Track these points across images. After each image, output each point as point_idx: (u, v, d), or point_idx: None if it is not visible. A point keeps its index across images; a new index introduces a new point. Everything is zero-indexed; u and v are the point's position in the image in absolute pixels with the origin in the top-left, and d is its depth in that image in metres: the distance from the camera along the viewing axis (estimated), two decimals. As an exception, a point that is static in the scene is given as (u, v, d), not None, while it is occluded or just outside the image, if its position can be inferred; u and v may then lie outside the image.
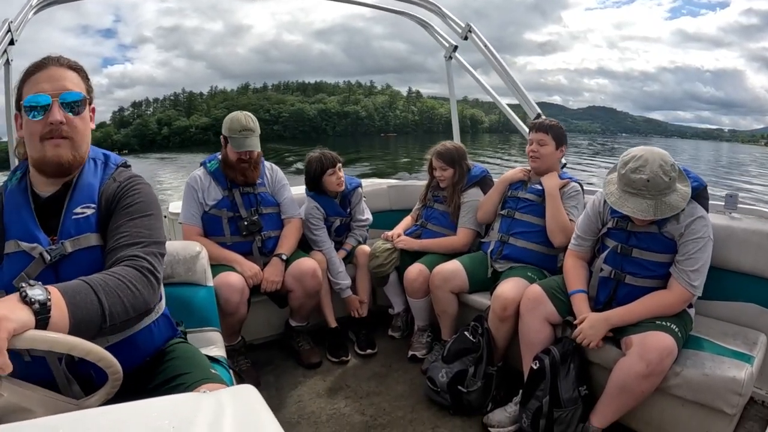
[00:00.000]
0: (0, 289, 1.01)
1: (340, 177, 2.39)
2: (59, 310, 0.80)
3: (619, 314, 1.57)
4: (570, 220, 1.98)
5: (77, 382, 0.99)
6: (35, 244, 1.02)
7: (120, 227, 1.05)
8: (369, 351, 2.36)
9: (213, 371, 1.15)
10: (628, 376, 1.46)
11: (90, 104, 1.10)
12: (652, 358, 1.42)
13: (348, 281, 2.44)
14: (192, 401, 0.66)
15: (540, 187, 2.08)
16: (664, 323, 1.50)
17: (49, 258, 1.01)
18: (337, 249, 2.47)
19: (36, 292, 0.78)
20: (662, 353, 1.42)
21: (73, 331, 0.81)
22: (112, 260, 1.00)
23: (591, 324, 1.58)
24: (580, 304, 1.67)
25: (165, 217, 2.99)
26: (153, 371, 1.14)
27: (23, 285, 0.79)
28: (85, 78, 1.11)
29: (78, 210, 1.07)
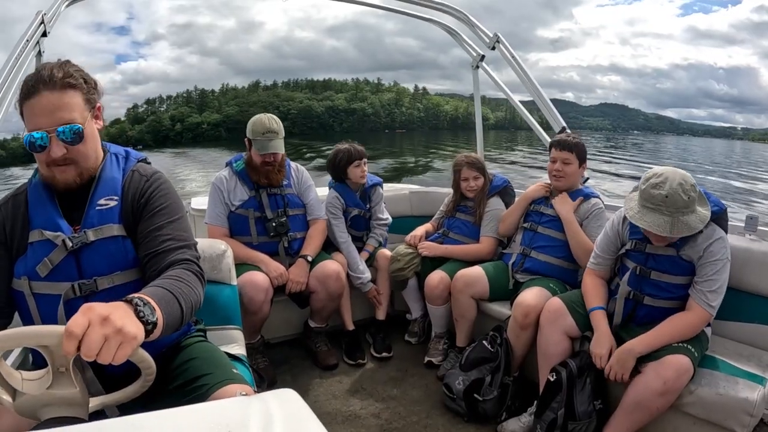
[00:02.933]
0: (23, 275, 1.07)
1: (364, 170, 2.47)
2: (159, 328, 0.85)
3: (643, 343, 1.56)
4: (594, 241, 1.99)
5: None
6: (58, 233, 1.07)
7: (162, 228, 1.11)
8: (385, 354, 2.40)
9: (235, 371, 1.17)
10: (644, 392, 1.49)
11: (94, 107, 1.10)
12: (668, 376, 1.45)
13: (368, 275, 2.48)
14: (241, 405, 0.69)
15: None
16: (681, 345, 1.52)
17: (71, 245, 1.07)
18: (358, 248, 2.52)
19: (147, 312, 0.82)
20: (679, 371, 1.45)
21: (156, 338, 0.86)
22: (167, 262, 1.07)
23: (618, 359, 1.57)
24: (599, 321, 1.68)
25: (187, 212, 3.06)
26: (173, 371, 1.16)
27: (137, 300, 0.82)
28: (82, 89, 1.06)
29: (101, 202, 1.12)
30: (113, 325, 0.73)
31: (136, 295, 0.85)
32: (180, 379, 1.13)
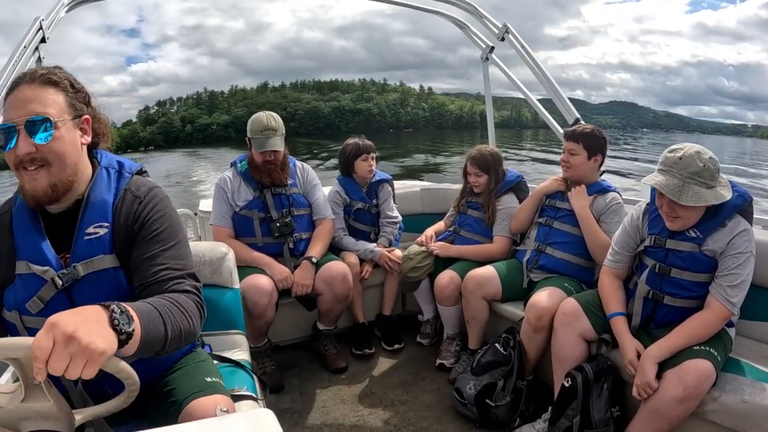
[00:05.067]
0: (13, 308, 1.01)
1: (371, 165, 2.45)
2: (135, 340, 0.79)
3: (660, 346, 1.47)
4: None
5: (93, 400, 0.98)
6: (47, 268, 0.99)
7: (156, 257, 1.01)
8: (396, 346, 2.38)
9: (209, 379, 1.10)
10: (663, 399, 1.40)
11: (80, 116, 1.00)
12: (689, 382, 1.36)
13: (374, 244, 2.46)
14: (207, 429, 0.65)
15: None
16: (702, 348, 1.42)
17: (61, 283, 0.98)
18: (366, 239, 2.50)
19: (123, 321, 0.76)
20: (700, 377, 1.36)
21: (134, 354, 0.80)
22: (163, 290, 0.98)
23: (639, 373, 1.46)
24: (621, 328, 1.58)
25: (195, 214, 3.03)
26: (153, 384, 1.10)
27: (114, 307, 0.76)
28: (66, 90, 0.98)
29: (90, 230, 1.01)
30: (78, 343, 0.67)
31: (116, 302, 0.79)
32: (156, 392, 1.08)
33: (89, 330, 0.69)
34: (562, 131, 2.50)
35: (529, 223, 2.18)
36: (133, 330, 0.77)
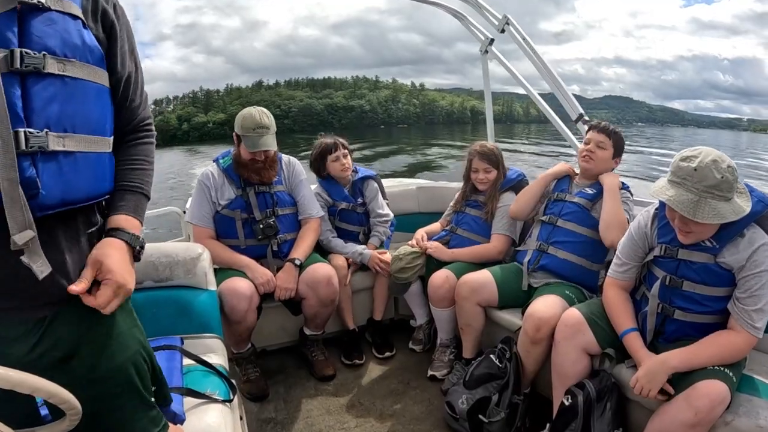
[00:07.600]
0: None
1: (344, 163, 2.24)
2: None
3: (680, 357, 1.31)
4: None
5: None
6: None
7: (134, 100, 0.92)
8: (387, 354, 2.21)
9: (154, 413, 0.92)
10: (671, 423, 1.24)
11: None
12: (701, 407, 1.20)
13: (363, 246, 2.29)
14: None
15: (591, 192, 1.86)
16: (717, 368, 1.27)
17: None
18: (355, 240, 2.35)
19: (140, 249, 0.86)
20: (714, 401, 1.20)
21: None
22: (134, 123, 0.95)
23: (647, 371, 1.32)
24: (635, 344, 1.42)
25: (184, 212, 2.88)
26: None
27: (137, 248, 0.84)
28: None
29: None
30: (124, 290, 0.80)
31: (134, 230, 0.84)
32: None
33: (131, 279, 0.83)
34: (564, 126, 2.36)
35: (531, 209, 2.01)
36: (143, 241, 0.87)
